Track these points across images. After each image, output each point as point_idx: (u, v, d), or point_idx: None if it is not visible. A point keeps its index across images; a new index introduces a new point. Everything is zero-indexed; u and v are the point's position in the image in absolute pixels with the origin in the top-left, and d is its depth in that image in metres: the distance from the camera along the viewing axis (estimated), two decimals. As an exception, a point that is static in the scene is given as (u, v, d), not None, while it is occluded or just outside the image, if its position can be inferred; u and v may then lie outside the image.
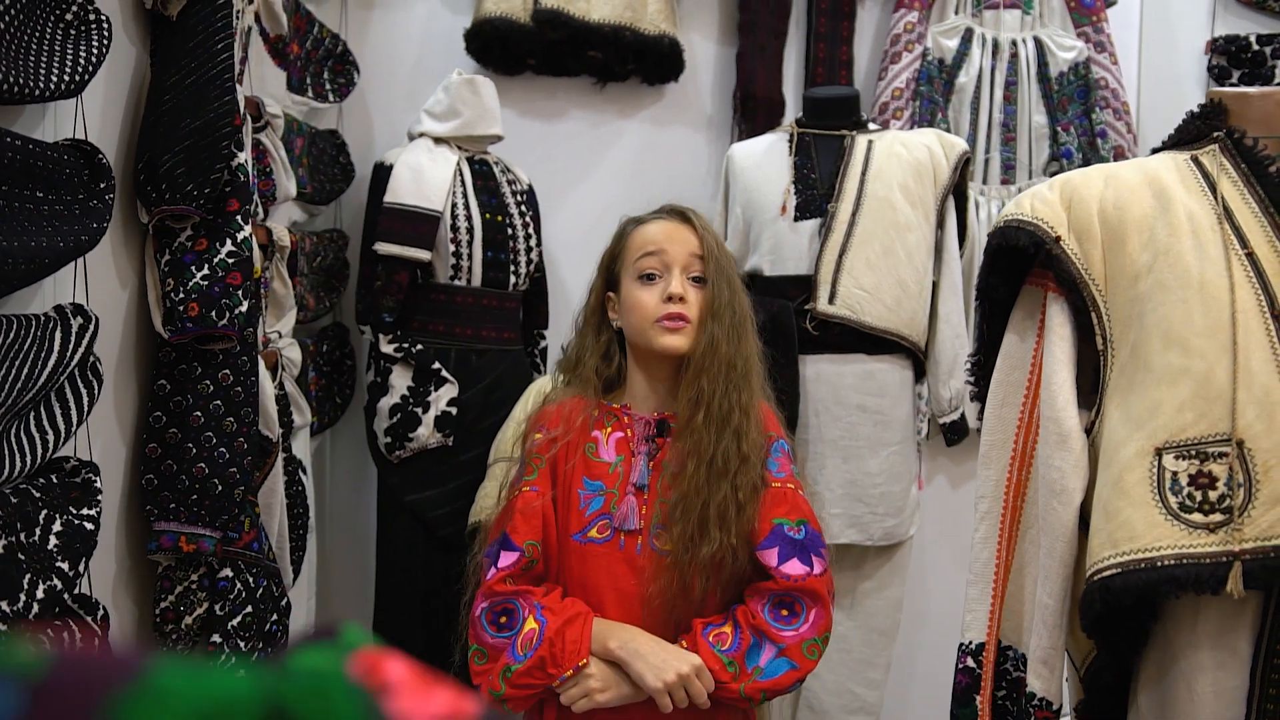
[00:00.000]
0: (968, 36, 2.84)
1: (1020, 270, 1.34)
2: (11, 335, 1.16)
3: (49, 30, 1.28)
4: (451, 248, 2.35)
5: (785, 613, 1.55)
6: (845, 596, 2.50)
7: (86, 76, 1.30)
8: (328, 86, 2.45)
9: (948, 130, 2.79)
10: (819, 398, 2.37)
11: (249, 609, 1.66)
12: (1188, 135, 1.30)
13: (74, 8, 1.32)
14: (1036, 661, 1.25)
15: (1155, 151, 1.34)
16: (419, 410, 2.30)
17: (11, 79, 1.15)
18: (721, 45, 2.90)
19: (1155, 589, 1.11)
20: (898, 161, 2.38)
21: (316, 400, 2.32)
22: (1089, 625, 1.18)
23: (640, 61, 2.74)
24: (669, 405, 1.60)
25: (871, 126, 2.52)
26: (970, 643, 1.33)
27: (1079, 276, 1.24)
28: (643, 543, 1.54)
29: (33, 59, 1.22)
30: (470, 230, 2.37)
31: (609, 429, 1.60)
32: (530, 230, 2.50)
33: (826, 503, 2.38)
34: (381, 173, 2.40)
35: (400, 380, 2.32)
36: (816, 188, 2.40)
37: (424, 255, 2.32)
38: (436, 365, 2.32)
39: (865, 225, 2.33)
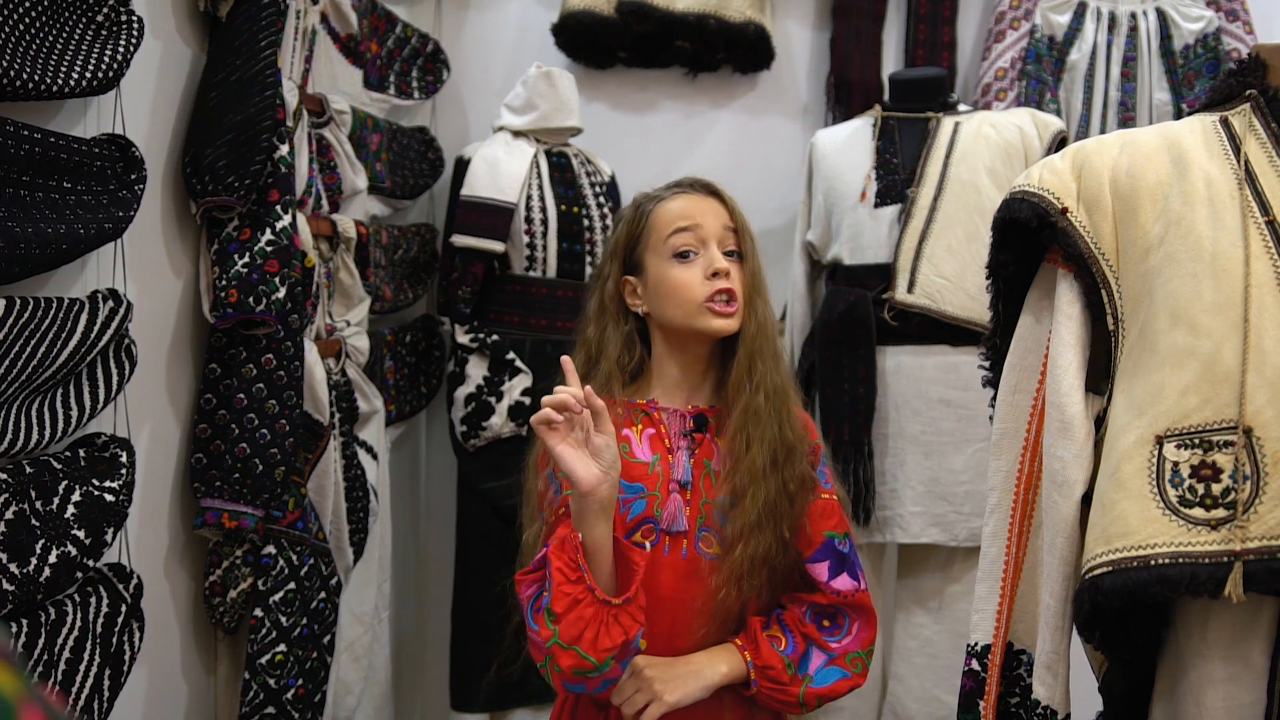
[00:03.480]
0: (1080, 11, 2.67)
1: (1039, 246, 1.24)
2: (27, 315, 1.24)
3: (78, 32, 1.36)
4: (526, 239, 2.38)
5: (827, 623, 1.49)
6: (933, 599, 2.39)
7: (113, 74, 1.37)
8: (414, 84, 2.51)
9: (1058, 112, 2.63)
10: (899, 391, 2.27)
11: (291, 585, 1.72)
12: (1221, 94, 1.18)
13: (104, 10, 1.39)
14: (1040, 666, 1.16)
15: (1191, 114, 1.22)
16: (493, 400, 2.34)
17: (25, 76, 1.23)
18: (817, 31, 2.83)
19: (1147, 590, 1.01)
20: (985, 143, 2.26)
21: (396, 389, 2.38)
22: (1080, 627, 1.08)
23: (730, 50, 2.70)
24: (697, 397, 1.51)
25: (962, 108, 2.40)
26: (976, 645, 1.24)
27: (1087, 251, 1.14)
28: (688, 545, 1.45)
29: (54, 58, 1.30)
30: (545, 221, 2.39)
31: (639, 426, 1.50)
32: (608, 221, 2.50)
33: (906, 500, 2.28)
34: (461, 167, 2.45)
35: (476, 370, 2.36)
36: (898, 173, 2.31)
37: (497, 246, 2.35)
38: (511, 355, 2.35)
39: (947, 210, 2.23)
